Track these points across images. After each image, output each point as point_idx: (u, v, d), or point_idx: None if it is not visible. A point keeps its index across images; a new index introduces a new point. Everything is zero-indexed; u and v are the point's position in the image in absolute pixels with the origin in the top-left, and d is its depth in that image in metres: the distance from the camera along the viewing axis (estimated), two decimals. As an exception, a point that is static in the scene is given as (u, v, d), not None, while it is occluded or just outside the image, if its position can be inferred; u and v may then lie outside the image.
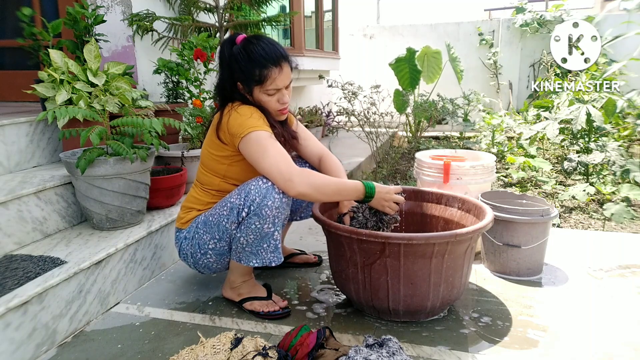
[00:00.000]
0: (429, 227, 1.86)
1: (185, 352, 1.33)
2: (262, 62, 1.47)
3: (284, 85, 1.52)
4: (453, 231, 1.41)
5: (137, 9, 2.87)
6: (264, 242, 1.48)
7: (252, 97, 1.54)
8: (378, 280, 1.47)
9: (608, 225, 2.81)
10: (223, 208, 1.51)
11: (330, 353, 1.28)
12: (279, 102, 1.53)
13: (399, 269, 1.42)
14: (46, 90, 1.78)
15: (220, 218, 1.51)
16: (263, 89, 1.50)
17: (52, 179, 1.91)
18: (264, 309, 1.60)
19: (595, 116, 3.48)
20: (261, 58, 1.47)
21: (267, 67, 1.47)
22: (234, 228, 1.49)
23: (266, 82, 1.49)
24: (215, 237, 1.53)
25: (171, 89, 2.84)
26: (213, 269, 1.65)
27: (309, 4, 5.98)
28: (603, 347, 1.40)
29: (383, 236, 1.38)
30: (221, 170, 1.58)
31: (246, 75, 1.49)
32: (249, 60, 1.47)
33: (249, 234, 1.46)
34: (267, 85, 1.49)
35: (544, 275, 1.89)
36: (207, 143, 1.60)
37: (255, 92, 1.52)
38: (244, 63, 1.48)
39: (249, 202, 1.44)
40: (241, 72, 1.50)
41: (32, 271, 1.50)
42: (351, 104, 5.24)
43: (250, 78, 1.49)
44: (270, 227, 1.46)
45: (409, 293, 1.46)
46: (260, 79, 1.48)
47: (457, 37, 7.24)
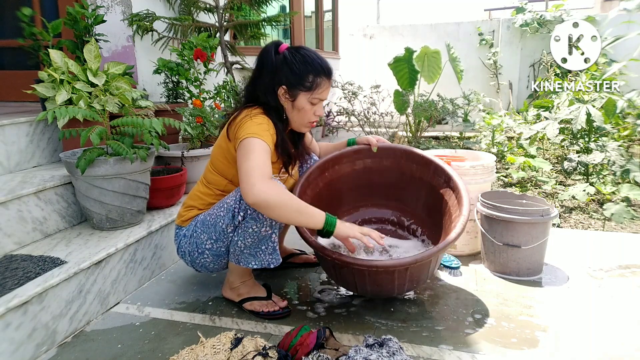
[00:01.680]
0: (412, 190, 1.92)
1: (185, 352, 1.33)
2: (318, 69, 1.49)
3: (325, 98, 1.55)
4: (414, 257, 1.43)
5: (137, 9, 2.87)
6: (262, 244, 1.48)
7: (292, 104, 1.52)
8: (347, 278, 1.57)
9: (608, 225, 2.81)
10: (220, 209, 1.50)
11: (331, 353, 1.28)
12: (314, 114, 1.55)
13: (364, 277, 1.50)
14: (46, 90, 1.78)
15: (217, 219, 1.50)
16: (310, 96, 1.51)
17: (52, 179, 1.91)
18: (264, 309, 1.60)
19: (595, 116, 3.48)
20: (317, 65, 1.49)
21: (320, 75, 1.49)
22: (231, 231, 1.49)
23: (316, 90, 1.50)
24: (212, 237, 1.53)
25: (171, 89, 2.84)
26: (210, 268, 1.64)
27: (309, 4, 5.99)
28: (603, 347, 1.40)
29: (347, 262, 1.44)
30: (229, 174, 1.57)
31: (297, 79, 1.48)
32: (304, 64, 1.48)
33: (246, 237, 1.46)
34: (316, 94, 1.51)
35: (544, 275, 1.89)
36: (218, 144, 1.60)
37: (300, 98, 1.51)
38: (299, 66, 1.48)
39: (244, 206, 1.43)
40: (292, 76, 1.48)
41: (32, 271, 1.50)
42: (351, 103, 5.25)
43: (301, 83, 1.49)
44: (268, 229, 1.46)
45: (376, 289, 1.57)
46: (311, 86, 1.49)
47: (457, 37, 7.24)
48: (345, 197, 2.00)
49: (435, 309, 1.64)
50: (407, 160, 1.90)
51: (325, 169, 1.87)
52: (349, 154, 1.91)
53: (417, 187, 1.91)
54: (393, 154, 1.92)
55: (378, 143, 1.87)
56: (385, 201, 2.02)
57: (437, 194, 1.80)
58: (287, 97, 1.52)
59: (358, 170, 1.95)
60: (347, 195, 1.99)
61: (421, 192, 1.90)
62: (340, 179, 1.93)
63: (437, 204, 1.81)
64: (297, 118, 1.55)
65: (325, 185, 1.88)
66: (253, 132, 1.41)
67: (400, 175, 1.94)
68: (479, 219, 1.96)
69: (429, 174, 1.85)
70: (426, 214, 1.92)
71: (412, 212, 1.98)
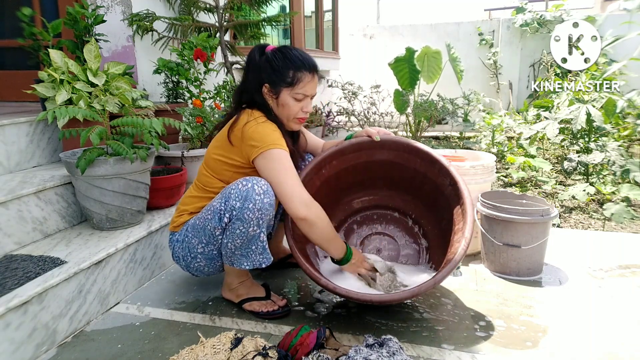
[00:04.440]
0: (415, 187, 1.88)
1: (186, 352, 1.33)
2: (298, 64, 1.50)
3: (311, 94, 1.55)
4: (411, 291, 1.45)
5: (137, 8, 2.87)
6: (252, 244, 1.48)
7: (277, 101, 1.53)
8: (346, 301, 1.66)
9: (608, 225, 2.81)
10: (207, 212, 1.50)
11: (331, 353, 1.28)
12: (302, 110, 1.55)
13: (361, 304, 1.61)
14: (46, 90, 1.78)
15: (205, 222, 1.50)
16: (292, 92, 1.51)
17: (52, 179, 1.91)
18: (263, 308, 1.60)
19: (595, 116, 3.48)
20: (297, 60, 1.51)
21: (301, 70, 1.50)
22: (219, 234, 1.49)
23: (298, 85, 1.50)
24: (203, 241, 1.53)
25: (171, 89, 2.84)
26: (205, 272, 1.64)
27: (309, 4, 5.99)
28: (603, 347, 1.40)
29: (342, 294, 1.47)
30: (225, 176, 1.56)
31: (278, 76, 1.50)
32: (284, 60, 1.50)
33: (235, 238, 1.46)
34: (298, 89, 1.51)
35: (544, 275, 1.89)
36: (215, 146, 1.59)
37: (282, 95, 1.52)
38: (279, 63, 1.50)
39: (230, 207, 1.43)
40: (273, 73, 1.50)
41: (32, 271, 1.50)
42: (351, 103, 5.25)
43: (282, 79, 1.50)
44: (256, 229, 1.45)
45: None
46: (292, 81, 1.50)
47: (457, 37, 7.24)
48: (345, 192, 1.98)
49: (436, 309, 1.64)
50: (410, 153, 1.82)
51: (321, 167, 1.83)
52: (347, 148, 1.82)
53: (420, 181, 1.85)
54: (395, 146, 1.83)
55: (379, 134, 1.79)
56: (388, 192, 1.98)
57: (441, 194, 1.77)
58: (271, 95, 1.54)
59: (358, 165, 1.88)
60: (348, 190, 1.97)
61: (424, 186, 1.85)
62: (339, 174, 1.88)
63: (439, 203, 1.78)
64: (283, 114, 1.56)
65: (323, 182, 1.84)
66: (273, 142, 1.44)
67: (403, 168, 1.86)
68: (479, 218, 1.96)
69: (434, 172, 1.78)
70: (427, 209, 1.90)
71: (414, 205, 1.95)
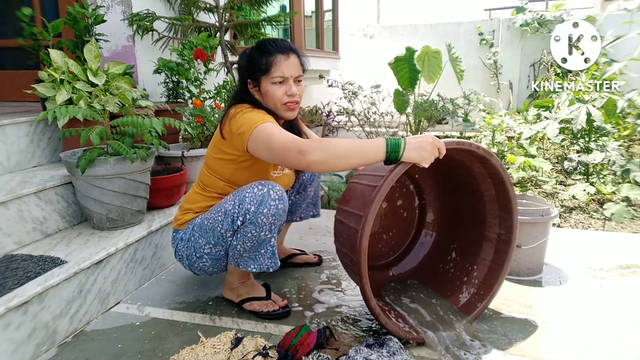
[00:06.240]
0: (476, 192, 1.63)
1: (186, 351, 1.33)
2: (270, 50, 1.50)
3: (290, 75, 1.50)
4: None
5: (137, 8, 2.87)
6: (262, 248, 1.48)
7: (260, 93, 1.53)
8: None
9: (608, 225, 2.81)
10: (218, 213, 1.49)
11: (331, 353, 1.28)
12: (286, 95, 1.50)
13: None
14: (46, 90, 1.78)
15: (215, 223, 1.49)
16: (269, 78, 1.50)
17: (52, 179, 1.91)
18: (264, 308, 1.60)
19: (595, 116, 3.48)
20: (269, 47, 1.51)
21: (272, 54, 1.49)
22: (230, 236, 1.48)
23: (272, 68, 1.49)
24: (211, 242, 1.52)
25: (171, 89, 2.84)
26: (209, 272, 1.64)
27: (309, 3, 5.98)
28: (604, 347, 1.40)
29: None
30: (226, 174, 1.56)
31: (254, 67, 1.51)
32: (258, 52, 1.51)
33: (245, 241, 1.46)
34: (273, 73, 1.49)
35: (544, 275, 1.89)
36: (212, 145, 1.59)
37: (262, 84, 1.52)
38: (255, 56, 1.51)
39: (244, 210, 1.42)
40: (251, 67, 1.52)
41: (32, 271, 1.50)
42: (351, 103, 5.24)
43: (258, 69, 1.50)
44: (267, 234, 1.45)
45: None
46: (266, 67, 1.49)
47: (457, 37, 7.24)
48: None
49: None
50: (473, 157, 1.49)
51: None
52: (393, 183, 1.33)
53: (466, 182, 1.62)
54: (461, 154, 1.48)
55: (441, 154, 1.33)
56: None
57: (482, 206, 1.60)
58: (254, 87, 1.54)
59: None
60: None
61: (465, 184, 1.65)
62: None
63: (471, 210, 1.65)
64: (270, 104, 1.53)
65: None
66: (257, 120, 1.42)
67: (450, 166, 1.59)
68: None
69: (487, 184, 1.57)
70: (450, 206, 1.80)
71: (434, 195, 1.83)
